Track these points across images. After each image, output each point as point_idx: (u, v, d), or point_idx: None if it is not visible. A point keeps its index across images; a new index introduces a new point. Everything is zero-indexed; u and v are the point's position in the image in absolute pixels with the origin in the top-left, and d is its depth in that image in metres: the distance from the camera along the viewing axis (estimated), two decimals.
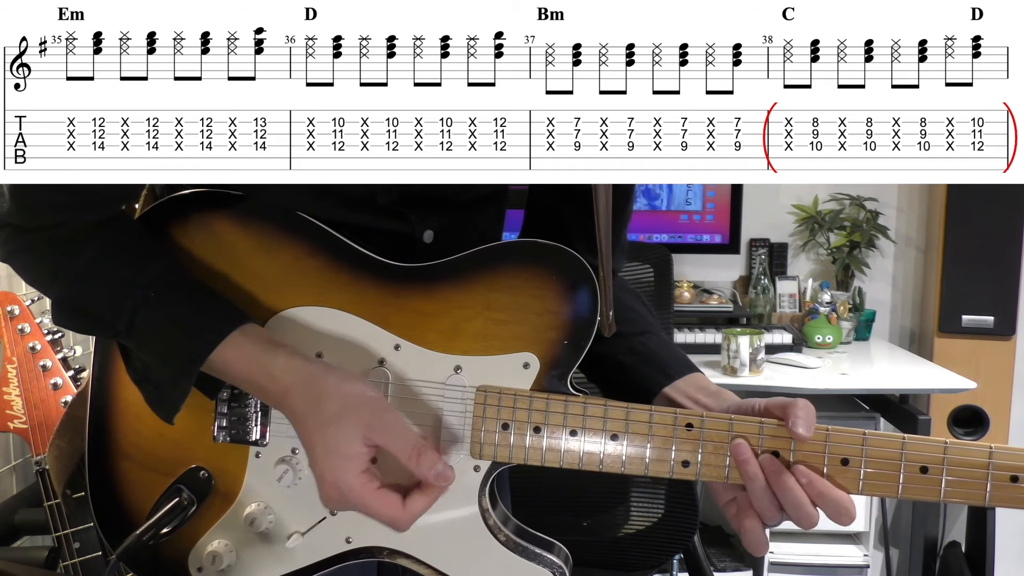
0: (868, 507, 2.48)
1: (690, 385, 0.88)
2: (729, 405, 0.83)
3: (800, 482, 0.75)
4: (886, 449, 0.76)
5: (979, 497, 0.74)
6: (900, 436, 0.76)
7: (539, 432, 0.80)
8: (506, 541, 0.82)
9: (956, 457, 0.75)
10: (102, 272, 0.80)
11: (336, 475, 0.74)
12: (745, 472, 0.76)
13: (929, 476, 0.75)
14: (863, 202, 2.86)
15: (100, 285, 0.80)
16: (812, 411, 0.76)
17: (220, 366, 0.78)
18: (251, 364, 0.77)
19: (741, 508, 0.79)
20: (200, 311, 0.79)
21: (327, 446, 0.74)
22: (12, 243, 0.81)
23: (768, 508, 0.76)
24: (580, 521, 1.74)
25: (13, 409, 1.44)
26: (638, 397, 0.88)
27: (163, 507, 0.83)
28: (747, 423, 0.78)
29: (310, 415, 0.75)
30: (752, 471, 0.76)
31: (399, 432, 0.75)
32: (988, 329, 2.60)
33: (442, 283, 0.83)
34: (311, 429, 0.75)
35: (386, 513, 0.74)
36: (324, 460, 0.74)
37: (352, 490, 0.74)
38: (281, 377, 0.76)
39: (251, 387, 0.79)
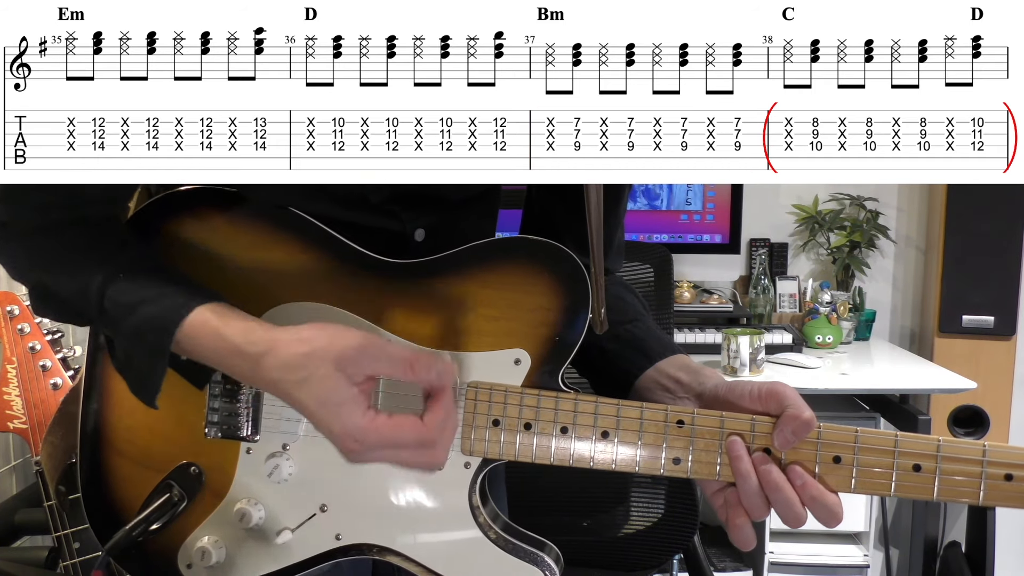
0: (868, 507, 2.48)
1: (671, 365, 0.87)
2: (717, 384, 0.82)
3: (794, 484, 0.75)
4: (878, 447, 0.75)
5: (973, 496, 0.74)
6: (893, 434, 0.75)
7: (530, 429, 0.80)
8: (496, 539, 0.82)
9: (949, 455, 0.74)
10: (73, 258, 0.80)
11: (343, 424, 0.71)
12: (737, 469, 0.76)
13: (922, 474, 0.74)
14: (863, 202, 2.86)
15: (70, 271, 0.80)
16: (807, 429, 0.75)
17: (189, 345, 0.76)
18: (219, 341, 0.75)
19: (730, 504, 0.78)
20: (167, 289, 0.78)
21: (320, 401, 0.71)
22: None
23: (758, 506, 0.76)
24: (580, 521, 1.74)
25: (13, 409, 1.44)
26: (620, 381, 0.88)
27: (153, 503, 0.83)
28: (738, 420, 0.77)
29: (290, 382, 0.72)
30: (744, 469, 0.76)
31: (378, 352, 0.73)
32: (988, 329, 2.60)
33: (434, 279, 0.83)
34: (294, 392, 0.72)
35: (411, 436, 0.72)
36: (324, 416, 0.72)
37: (367, 431, 0.71)
38: (249, 349, 0.74)
39: (223, 365, 0.77)
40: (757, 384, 0.79)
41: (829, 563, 2.50)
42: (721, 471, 0.77)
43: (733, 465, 0.76)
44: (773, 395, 0.77)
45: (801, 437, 0.75)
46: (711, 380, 0.84)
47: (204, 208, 0.85)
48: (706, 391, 0.83)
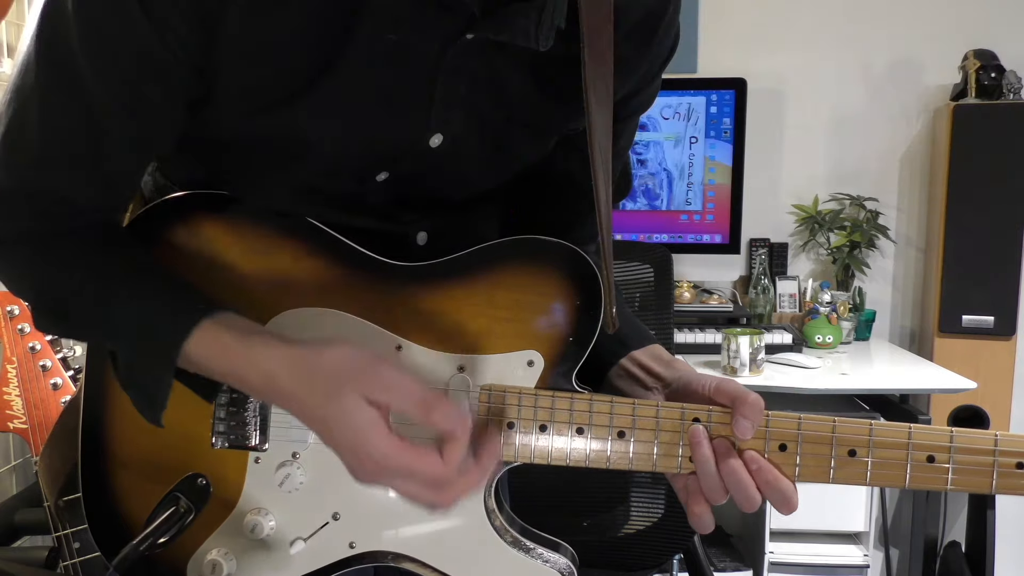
0: (868, 507, 2.48)
1: (645, 355, 0.87)
2: (682, 376, 0.83)
3: (749, 469, 0.75)
4: (892, 439, 0.76)
5: (985, 485, 0.75)
6: (906, 426, 0.76)
7: (545, 430, 0.80)
8: (513, 542, 0.82)
9: (962, 445, 0.75)
10: (75, 273, 0.78)
11: (363, 446, 0.68)
12: (696, 454, 0.77)
13: (936, 465, 0.75)
14: (863, 202, 2.86)
15: (74, 286, 0.78)
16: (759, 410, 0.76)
17: (199, 360, 0.74)
18: (230, 354, 0.72)
19: (691, 491, 0.79)
20: (172, 301, 0.76)
21: (338, 420, 0.69)
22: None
23: (715, 490, 0.76)
24: (580, 521, 1.74)
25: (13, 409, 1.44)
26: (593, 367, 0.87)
27: (160, 516, 0.81)
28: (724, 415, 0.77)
29: (306, 396, 0.70)
30: (703, 454, 0.76)
31: (399, 387, 0.70)
32: (988, 329, 2.60)
33: (444, 282, 0.82)
34: (311, 409, 0.70)
35: (430, 471, 0.69)
36: (342, 435, 0.69)
37: (388, 455, 0.68)
38: (263, 364, 0.71)
39: (234, 379, 0.74)
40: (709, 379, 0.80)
41: (829, 563, 2.49)
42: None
43: (692, 451, 0.77)
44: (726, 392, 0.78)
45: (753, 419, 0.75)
46: (678, 372, 0.84)
47: (203, 214, 0.83)
48: (673, 383, 0.83)
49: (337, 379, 0.69)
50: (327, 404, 0.69)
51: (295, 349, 0.72)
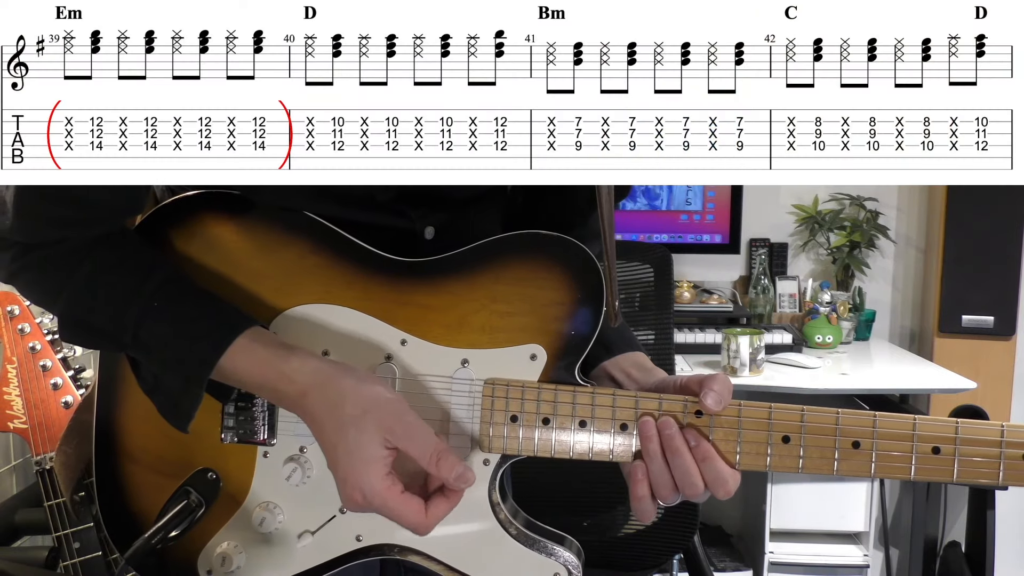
0: (868, 507, 2.47)
1: (627, 361, 0.89)
2: (659, 381, 0.85)
3: (689, 444, 0.77)
4: (897, 430, 0.76)
5: (992, 476, 0.74)
6: (911, 417, 0.76)
7: (548, 424, 0.80)
8: (517, 535, 0.82)
9: (967, 436, 0.75)
10: (103, 285, 0.80)
11: (360, 478, 0.73)
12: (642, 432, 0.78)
13: (941, 456, 0.75)
14: (863, 202, 2.86)
15: (102, 299, 0.79)
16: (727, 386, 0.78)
17: (231, 372, 0.77)
18: (264, 368, 0.76)
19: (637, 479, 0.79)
20: (205, 317, 0.79)
21: (348, 448, 0.73)
22: (16, 263, 0.81)
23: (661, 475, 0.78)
24: (580, 521, 1.74)
25: (13, 409, 1.43)
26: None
27: (171, 510, 0.83)
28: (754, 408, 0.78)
29: (328, 417, 0.74)
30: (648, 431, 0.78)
31: (419, 435, 0.74)
32: (988, 329, 2.60)
33: (447, 277, 0.83)
34: (330, 431, 0.74)
35: (410, 519, 0.74)
36: (346, 462, 0.74)
37: (377, 494, 0.73)
38: (298, 379, 0.75)
39: (265, 391, 0.79)
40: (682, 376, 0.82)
41: (829, 563, 2.49)
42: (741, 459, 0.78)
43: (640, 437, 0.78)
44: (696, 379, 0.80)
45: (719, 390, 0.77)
46: (656, 377, 0.86)
47: (211, 212, 0.85)
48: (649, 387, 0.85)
49: (363, 413, 0.74)
50: (345, 431, 0.74)
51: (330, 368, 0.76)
